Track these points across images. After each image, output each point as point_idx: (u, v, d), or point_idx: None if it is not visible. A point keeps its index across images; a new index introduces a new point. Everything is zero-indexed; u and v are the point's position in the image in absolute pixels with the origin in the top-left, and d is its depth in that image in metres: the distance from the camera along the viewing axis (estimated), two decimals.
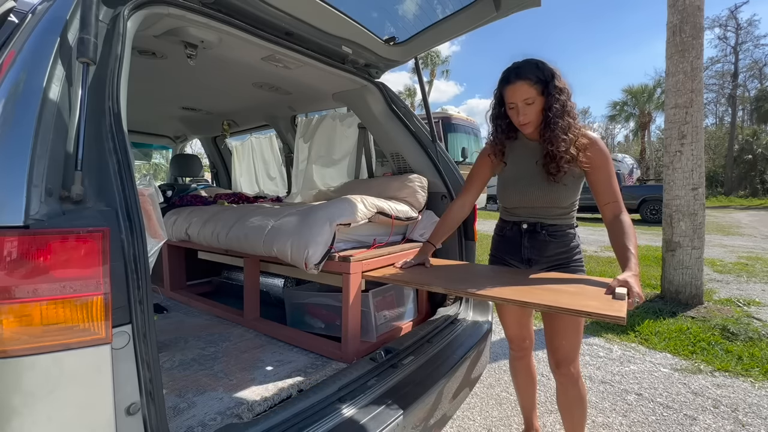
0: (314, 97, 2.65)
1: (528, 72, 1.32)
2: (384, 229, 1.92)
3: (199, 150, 5.39)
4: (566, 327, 1.42)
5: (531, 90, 1.31)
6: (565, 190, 1.40)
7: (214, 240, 2.03)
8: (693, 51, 3.63)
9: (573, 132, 1.33)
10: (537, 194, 1.43)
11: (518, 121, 1.37)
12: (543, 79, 1.31)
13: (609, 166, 1.36)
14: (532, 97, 1.32)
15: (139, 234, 0.80)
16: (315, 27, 1.70)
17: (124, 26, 1.00)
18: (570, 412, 1.55)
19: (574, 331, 1.42)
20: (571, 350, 1.45)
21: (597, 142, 1.37)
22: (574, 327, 1.42)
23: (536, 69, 1.32)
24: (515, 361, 1.76)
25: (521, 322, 1.66)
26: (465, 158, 10.96)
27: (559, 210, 1.44)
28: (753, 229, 10.26)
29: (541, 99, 1.32)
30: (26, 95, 0.77)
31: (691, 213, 3.69)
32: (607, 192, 1.36)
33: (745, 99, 27.88)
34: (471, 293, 1.24)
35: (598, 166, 1.36)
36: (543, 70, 1.32)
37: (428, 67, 30.10)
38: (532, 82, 1.31)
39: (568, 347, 1.44)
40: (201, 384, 1.43)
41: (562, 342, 1.44)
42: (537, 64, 1.33)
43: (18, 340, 0.67)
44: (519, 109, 1.34)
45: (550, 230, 1.45)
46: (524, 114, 1.34)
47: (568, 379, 1.48)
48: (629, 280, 1.14)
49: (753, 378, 2.46)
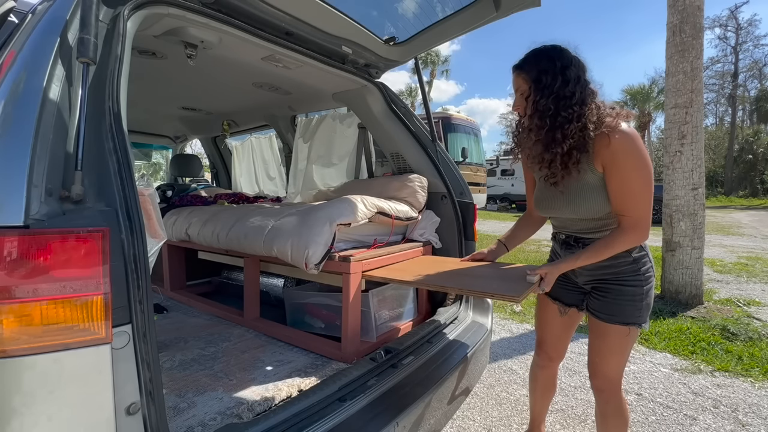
0: (314, 97, 2.65)
1: (524, 62, 1.22)
2: (384, 229, 1.92)
3: (199, 150, 5.40)
4: (600, 344, 1.32)
5: (522, 83, 1.22)
6: (588, 197, 1.21)
7: (214, 240, 2.03)
8: (693, 51, 3.63)
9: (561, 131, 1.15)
10: (560, 205, 1.29)
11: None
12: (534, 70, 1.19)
13: (622, 169, 1.13)
14: (524, 91, 1.22)
15: (139, 234, 0.80)
16: (315, 27, 1.70)
17: (124, 26, 1.00)
18: (603, 427, 1.42)
19: (608, 350, 1.31)
20: (603, 366, 1.33)
21: (620, 138, 1.11)
22: (609, 346, 1.30)
23: (533, 60, 1.21)
24: (538, 368, 1.64)
25: (561, 335, 1.53)
26: (465, 158, 10.97)
27: (594, 222, 1.26)
28: (753, 229, 10.26)
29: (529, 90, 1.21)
30: (26, 95, 0.77)
31: (691, 213, 3.69)
32: (617, 201, 1.16)
33: (745, 99, 27.89)
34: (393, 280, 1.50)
35: (608, 167, 1.16)
36: (539, 62, 1.19)
37: (428, 67, 30.12)
38: (525, 74, 1.21)
39: (600, 363, 1.34)
40: (201, 384, 1.43)
41: (595, 358, 1.35)
42: (537, 55, 1.21)
43: (18, 340, 0.67)
44: (516, 100, 1.27)
45: (585, 243, 1.28)
46: (516, 105, 1.26)
47: (599, 395, 1.39)
48: (547, 270, 1.23)
49: (753, 378, 2.46)
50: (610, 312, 1.28)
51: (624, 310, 1.26)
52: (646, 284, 1.25)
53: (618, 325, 1.26)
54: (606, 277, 1.29)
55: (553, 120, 1.15)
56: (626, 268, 1.25)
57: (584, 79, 1.19)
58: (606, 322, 1.29)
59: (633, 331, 1.26)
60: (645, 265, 1.26)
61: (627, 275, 1.25)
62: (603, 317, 1.30)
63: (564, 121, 1.14)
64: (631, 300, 1.25)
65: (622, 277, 1.26)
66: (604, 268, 1.28)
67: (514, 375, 2.56)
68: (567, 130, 1.15)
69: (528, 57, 1.23)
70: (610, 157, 1.14)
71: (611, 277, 1.28)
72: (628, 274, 1.25)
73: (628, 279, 1.25)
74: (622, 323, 1.26)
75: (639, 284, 1.24)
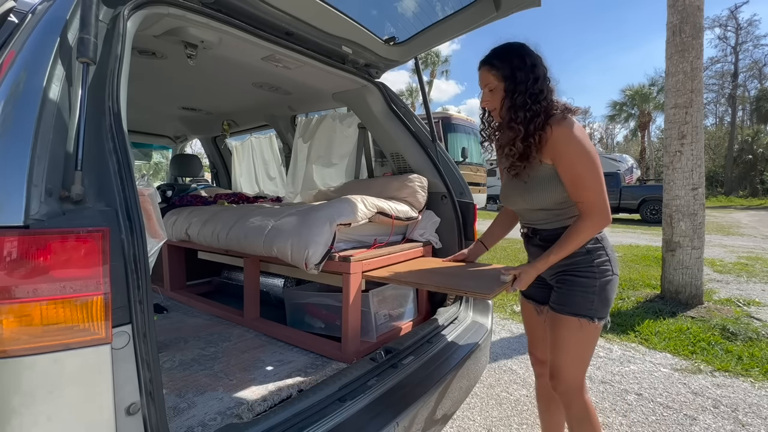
0: (314, 97, 2.65)
1: (495, 58, 1.25)
2: (384, 229, 1.92)
3: (199, 150, 5.40)
4: (553, 337, 1.30)
5: (493, 78, 1.25)
6: (538, 188, 1.25)
7: (214, 240, 2.03)
8: (693, 51, 3.63)
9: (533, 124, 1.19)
10: (516, 197, 1.33)
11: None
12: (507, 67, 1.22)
13: (564, 156, 1.17)
14: (494, 86, 1.26)
15: (139, 234, 0.80)
16: (315, 27, 1.70)
17: (124, 26, 1.00)
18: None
19: (560, 345, 1.28)
20: (557, 362, 1.30)
21: (557, 128, 1.17)
22: (560, 340, 1.28)
23: (505, 56, 1.24)
24: (536, 379, 1.59)
25: (544, 336, 1.46)
26: (465, 158, 10.98)
27: (547, 213, 1.29)
28: (753, 229, 10.26)
29: (501, 86, 1.25)
30: (26, 95, 0.77)
31: (691, 213, 3.69)
32: (569, 189, 1.20)
33: (745, 99, 27.90)
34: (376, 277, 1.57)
35: (554, 158, 1.20)
36: (511, 59, 1.22)
37: (428, 67, 30.12)
38: (496, 70, 1.24)
39: (554, 360, 1.30)
40: (201, 384, 1.43)
41: (551, 355, 1.32)
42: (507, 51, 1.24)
43: (18, 340, 0.67)
44: (484, 95, 1.30)
45: (543, 235, 1.32)
46: (485, 100, 1.30)
47: (559, 397, 1.34)
48: (521, 270, 1.24)
49: (753, 378, 2.46)
50: (561, 302, 1.27)
51: (574, 299, 1.24)
52: (601, 277, 1.23)
53: (568, 315, 1.24)
54: (563, 269, 1.29)
55: (526, 114, 1.20)
56: (580, 259, 1.25)
57: (548, 77, 1.25)
58: (557, 312, 1.27)
59: (585, 326, 1.22)
60: (600, 257, 1.25)
61: (581, 266, 1.25)
62: (555, 308, 1.29)
63: (534, 115, 1.20)
64: (582, 291, 1.24)
65: (576, 267, 1.26)
66: (561, 260, 1.28)
67: (514, 375, 2.56)
68: (537, 123, 1.19)
69: (498, 53, 1.25)
70: (552, 147, 1.19)
71: (567, 268, 1.28)
72: (582, 265, 1.25)
73: (581, 270, 1.25)
74: (572, 314, 1.24)
75: (592, 276, 1.24)
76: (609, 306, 1.26)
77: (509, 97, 1.23)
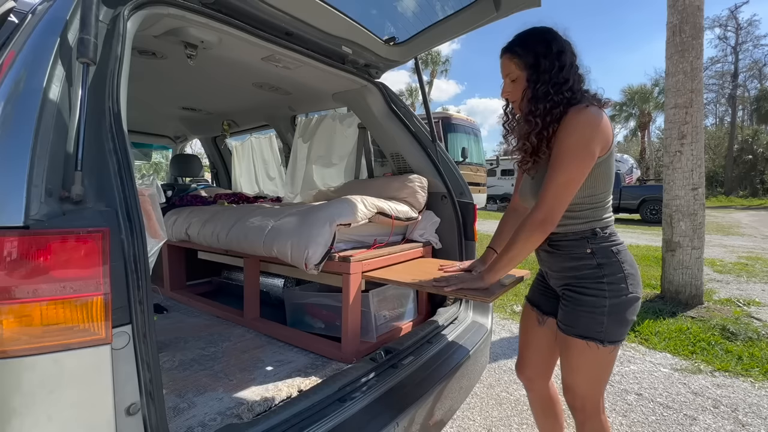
0: (314, 97, 2.65)
1: (517, 45, 1.15)
2: (384, 229, 1.92)
3: (199, 150, 5.39)
4: (563, 357, 1.20)
5: (514, 67, 1.15)
6: (538, 185, 1.15)
7: (214, 240, 2.03)
8: (693, 51, 3.63)
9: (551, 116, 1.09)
10: (528, 194, 1.24)
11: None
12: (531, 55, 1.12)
13: (562, 147, 1.05)
14: (516, 75, 1.15)
15: (139, 234, 0.80)
16: (315, 27, 1.70)
17: (124, 26, 1.00)
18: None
19: (571, 366, 1.17)
20: (570, 381, 1.20)
21: (572, 115, 1.06)
22: (571, 361, 1.17)
23: (528, 43, 1.14)
24: (527, 392, 1.51)
25: (538, 347, 1.39)
26: (465, 158, 10.98)
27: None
28: (753, 229, 10.26)
29: (523, 75, 1.14)
30: (26, 95, 0.77)
31: (691, 213, 3.69)
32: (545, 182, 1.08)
33: (745, 99, 27.91)
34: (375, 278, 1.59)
35: (556, 142, 1.09)
36: (535, 46, 1.12)
37: (428, 67, 30.12)
38: (518, 58, 1.14)
39: (566, 378, 1.21)
40: (201, 384, 1.43)
41: (562, 372, 1.22)
42: (531, 36, 1.14)
43: (18, 340, 0.67)
44: (505, 85, 1.20)
45: (552, 239, 1.18)
46: (507, 90, 1.19)
47: (573, 414, 1.23)
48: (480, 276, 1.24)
49: (753, 378, 2.46)
50: (568, 322, 1.15)
51: (580, 321, 1.12)
52: (613, 297, 1.09)
53: (575, 338, 1.13)
54: (569, 281, 1.17)
55: (546, 105, 1.10)
56: (588, 273, 1.12)
57: (576, 64, 1.14)
58: (564, 333, 1.16)
59: (595, 349, 1.10)
60: (614, 273, 1.10)
61: (588, 282, 1.12)
62: (562, 327, 1.17)
63: (553, 105, 1.09)
64: (590, 311, 1.10)
65: (583, 283, 1.13)
66: (567, 270, 1.17)
67: (514, 375, 2.56)
68: (555, 114, 1.09)
69: (521, 39, 1.15)
70: (557, 133, 1.09)
71: (573, 282, 1.15)
72: (590, 280, 1.12)
73: (589, 286, 1.11)
74: (579, 336, 1.12)
75: (601, 294, 1.09)
76: (626, 327, 1.12)
77: (531, 88, 1.12)
